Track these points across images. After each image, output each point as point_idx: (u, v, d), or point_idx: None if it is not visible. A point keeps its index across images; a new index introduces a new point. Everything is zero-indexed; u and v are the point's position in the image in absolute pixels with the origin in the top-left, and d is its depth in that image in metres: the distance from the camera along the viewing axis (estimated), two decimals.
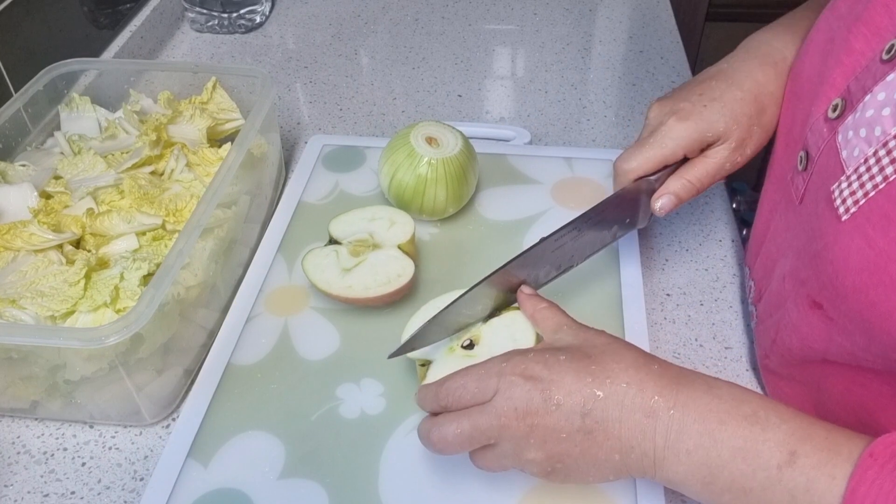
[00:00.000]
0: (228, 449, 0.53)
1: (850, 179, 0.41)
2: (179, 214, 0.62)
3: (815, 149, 0.46)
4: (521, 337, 0.51)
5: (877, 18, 0.43)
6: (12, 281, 0.55)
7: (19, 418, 0.57)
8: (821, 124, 0.46)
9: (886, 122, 0.40)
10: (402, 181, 0.66)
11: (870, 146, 0.40)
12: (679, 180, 0.55)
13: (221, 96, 0.74)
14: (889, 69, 0.41)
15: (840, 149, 0.43)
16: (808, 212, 0.47)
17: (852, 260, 0.40)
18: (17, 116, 0.67)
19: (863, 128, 0.41)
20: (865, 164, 0.40)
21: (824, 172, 0.44)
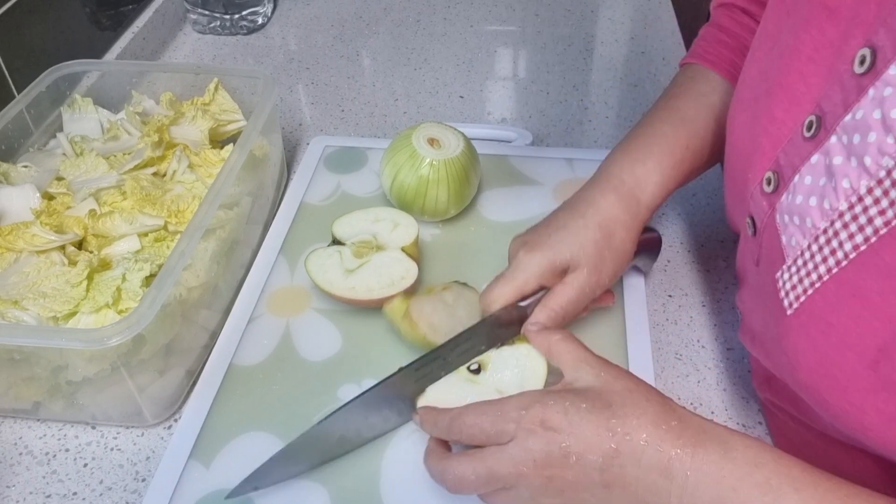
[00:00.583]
0: (230, 450, 0.53)
1: (791, 271, 0.41)
2: (181, 215, 0.62)
3: (759, 220, 0.46)
4: (531, 372, 0.50)
5: (793, 86, 0.43)
6: (15, 282, 0.55)
7: (21, 419, 0.57)
8: (759, 197, 0.45)
9: (814, 215, 0.39)
10: (403, 182, 0.66)
11: (804, 237, 0.40)
12: (542, 310, 0.55)
13: (223, 97, 0.74)
14: (812, 148, 0.40)
15: (780, 232, 0.42)
16: (763, 284, 0.46)
17: (802, 358, 0.40)
18: (19, 118, 0.67)
19: (795, 215, 0.41)
20: (802, 258, 0.40)
21: (770, 250, 0.44)
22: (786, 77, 0.43)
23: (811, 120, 0.40)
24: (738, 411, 0.56)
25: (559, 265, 0.55)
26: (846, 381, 0.38)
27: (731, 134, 0.50)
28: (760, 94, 0.45)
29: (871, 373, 0.36)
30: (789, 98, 0.42)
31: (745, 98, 0.48)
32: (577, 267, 0.55)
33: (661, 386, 0.56)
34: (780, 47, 0.44)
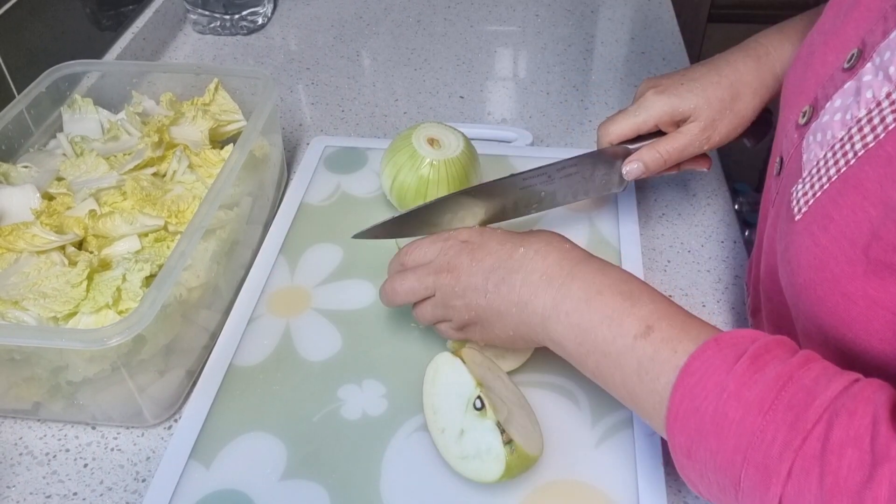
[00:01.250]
0: (230, 450, 0.53)
1: (805, 181, 0.44)
2: (181, 216, 0.62)
3: (787, 154, 0.48)
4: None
5: (846, 30, 0.45)
6: (15, 282, 0.55)
7: (22, 419, 0.57)
8: (792, 131, 0.48)
9: (835, 127, 0.42)
10: (404, 182, 0.66)
11: (821, 149, 0.43)
12: (650, 151, 0.61)
13: (223, 98, 0.74)
14: (848, 77, 0.43)
15: (803, 153, 0.45)
16: (776, 214, 0.49)
17: (802, 258, 0.43)
18: (19, 118, 0.67)
19: (819, 133, 0.44)
20: (816, 167, 0.43)
21: (790, 177, 0.47)
22: (842, 27, 0.46)
23: (853, 53, 0.43)
24: None
25: (681, 113, 0.59)
26: (839, 271, 0.40)
27: (783, 91, 0.53)
28: (817, 46, 0.48)
29: (864, 258, 0.39)
30: (841, 41, 0.45)
31: (801, 55, 0.51)
32: (696, 119, 0.59)
33: None
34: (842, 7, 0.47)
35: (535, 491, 0.50)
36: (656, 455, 0.51)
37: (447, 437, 0.50)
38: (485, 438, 0.48)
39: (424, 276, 0.53)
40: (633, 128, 0.61)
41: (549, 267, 0.48)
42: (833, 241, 0.40)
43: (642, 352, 0.43)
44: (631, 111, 0.61)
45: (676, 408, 0.40)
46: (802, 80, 0.49)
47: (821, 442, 0.35)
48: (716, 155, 0.79)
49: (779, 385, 0.37)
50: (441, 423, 0.50)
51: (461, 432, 0.49)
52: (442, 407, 0.51)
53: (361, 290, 0.64)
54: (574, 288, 0.47)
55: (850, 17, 0.45)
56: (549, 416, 0.53)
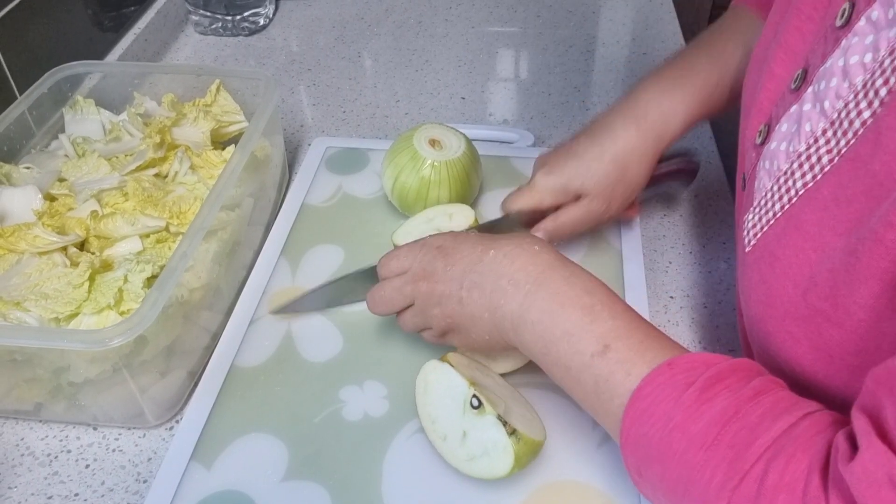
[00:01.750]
0: (231, 451, 0.53)
1: (754, 211, 0.44)
2: (183, 217, 0.62)
3: (748, 173, 0.48)
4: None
5: (791, 41, 0.44)
6: (16, 283, 0.55)
7: (23, 420, 0.57)
8: (751, 149, 0.47)
9: (780, 157, 0.42)
10: (405, 183, 0.66)
11: (769, 179, 0.42)
12: (551, 221, 0.62)
13: (225, 99, 0.74)
14: (794, 99, 0.42)
15: (757, 178, 0.45)
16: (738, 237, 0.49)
17: (752, 292, 0.43)
18: (21, 119, 0.68)
19: (768, 159, 0.43)
20: (765, 198, 0.43)
21: (747, 198, 0.47)
22: (786, 35, 0.45)
23: (798, 73, 0.43)
24: None
25: (572, 191, 0.60)
26: (784, 311, 0.40)
27: (743, 96, 0.52)
28: (768, 51, 0.47)
29: (803, 301, 0.39)
30: (787, 54, 0.45)
31: (756, 57, 0.50)
32: (587, 195, 0.60)
33: None
34: (789, 6, 0.46)
35: (537, 492, 0.50)
36: None
37: (451, 443, 0.49)
38: (489, 434, 0.48)
39: (403, 286, 0.52)
40: (533, 205, 0.62)
41: (517, 272, 0.47)
42: (777, 280, 0.41)
43: (598, 371, 0.43)
44: (527, 190, 0.62)
45: (627, 430, 0.41)
46: (754, 91, 0.48)
47: (757, 484, 0.34)
48: (718, 155, 0.79)
49: (724, 420, 0.37)
50: (441, 431, 0.50)
51: (464, 434, 0.49)
52: (439, 415, 0.50)
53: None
54: (539, 298, 0.46)
55: (792, 24, 0.44)
56: (549, 417, 0.53)
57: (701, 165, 0.70)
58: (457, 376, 0.50)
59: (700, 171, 0.77)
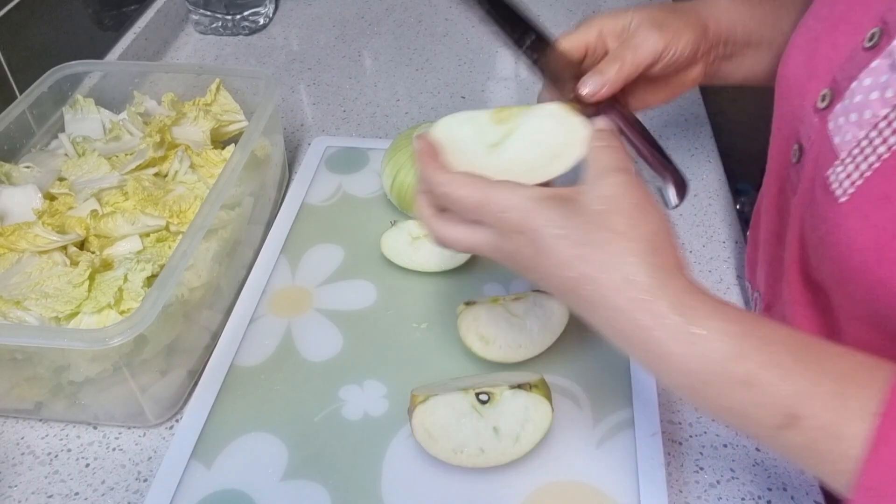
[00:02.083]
0: (231, 450, 0.53)
1: (845, 163, 0.42)
2: (183, 216, 0.62)
3: (807, 140, 0.47)
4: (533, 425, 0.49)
5: (856, 15, 0.45)
6: (17, 282, 0.55)
7: (24, 419, 0.57)
8: (811, 116, 0.47)
9: (875, 105, 0.41)
10: (404, 182, 0.66)
11: (861, 129, 0.41)
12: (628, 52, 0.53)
13: (225, 98, 0.74)
14: (872, 56, 0.42)
15: (832, 136, 0.44)
16: (805, 201, 0.48)
17: (855, 240, 0.41)
18: (21, 118, 0.68)
19: (853, 113, 0.42)
20: (858, 147, 0.41)
21: (818, 160, 0.45)
22: (850, 13, 0.45)
23: (873, 32, 0.42)
24: None
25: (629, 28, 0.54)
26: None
27: (783, 80, 0.52)
28: (823, 32, 0.47)
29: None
30: (851, 25, 0.45)
31: (800, 44, 0.50)
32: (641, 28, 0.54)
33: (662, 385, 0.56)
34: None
35: (537, 491, 0.50)
36: (657, 455, 0.51)
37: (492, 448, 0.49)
38: (514, 408, 0.49)
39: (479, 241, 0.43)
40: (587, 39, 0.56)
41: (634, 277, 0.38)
42: (891, 220, 0.39)
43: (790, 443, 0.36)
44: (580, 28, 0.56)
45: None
46: (810, 66, 0.48)
47: None
48: (717, 155, 0.79)
49: None
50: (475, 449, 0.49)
51: (495, 430, 0.49)
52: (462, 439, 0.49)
53: (363, 291, 0.64)
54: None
55: (858, 1, 0.45)
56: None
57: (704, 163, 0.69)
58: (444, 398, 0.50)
59: (700, 172, 0.77)
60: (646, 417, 0.53)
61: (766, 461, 0.53)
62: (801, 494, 0.51)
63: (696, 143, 0.81)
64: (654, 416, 0.53)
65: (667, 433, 0.54)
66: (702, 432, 0.55)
